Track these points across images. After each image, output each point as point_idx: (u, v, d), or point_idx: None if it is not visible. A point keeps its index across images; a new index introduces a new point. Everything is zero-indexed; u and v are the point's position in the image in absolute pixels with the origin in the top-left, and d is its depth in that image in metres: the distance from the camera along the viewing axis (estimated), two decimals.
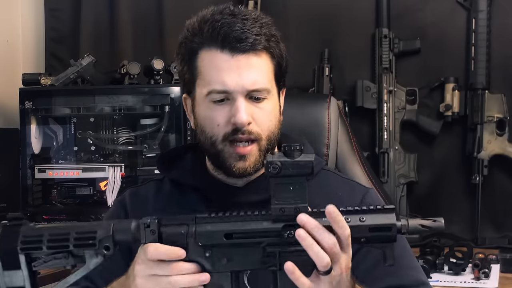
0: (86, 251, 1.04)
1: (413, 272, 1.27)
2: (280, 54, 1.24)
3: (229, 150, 1.20)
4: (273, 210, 1.01)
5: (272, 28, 1.24)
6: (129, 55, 2.71)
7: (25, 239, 1.05)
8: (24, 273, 1.04)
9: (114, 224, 1.05)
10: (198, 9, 2.93)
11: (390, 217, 1.02)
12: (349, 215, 1.01)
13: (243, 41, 1.18)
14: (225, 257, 1.03)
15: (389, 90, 2.46)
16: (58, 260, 1.05)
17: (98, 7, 2.79)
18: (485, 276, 1.99)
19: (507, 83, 2.43)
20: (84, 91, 2.50)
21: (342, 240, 0.99)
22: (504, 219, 2.44)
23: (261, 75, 1.20)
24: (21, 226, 1.06)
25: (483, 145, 2.38)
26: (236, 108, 1.18)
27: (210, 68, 1.21)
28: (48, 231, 1.05)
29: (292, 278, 0.98)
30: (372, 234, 1.01)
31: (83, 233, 1.04)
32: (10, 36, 2.79)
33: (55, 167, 2.45)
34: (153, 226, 1.03)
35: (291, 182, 1.00)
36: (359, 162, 1.70)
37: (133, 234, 1.04)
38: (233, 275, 1.04)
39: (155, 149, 2.43)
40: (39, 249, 1.04)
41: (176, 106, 2.40)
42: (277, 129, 1.25)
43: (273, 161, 1.00)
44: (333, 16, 2.57)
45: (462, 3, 2.44)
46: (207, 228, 1.03)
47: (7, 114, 2.65)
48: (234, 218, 1.04)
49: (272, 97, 1.23)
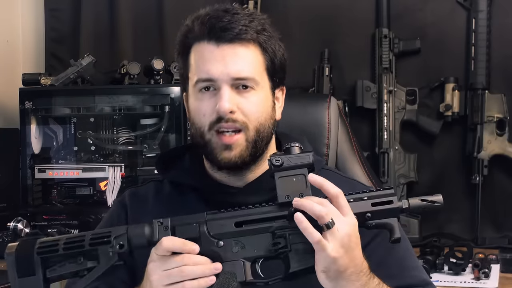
0: (100, 252, 1.06)
1: (417, 272, 1.28)
2: (272, 49, 1.25)
3: (216, 140, 1.21)
4: (279, 198, 1.08)
5: (266, 24, 1.25)
6: (129, 55, 2.71)
7: (42, 244, 1.07)
8: (38, 277, 1.04)
9: (128, 227, 1.08)
10: (198, 9, 2.93)
11: (388, 192, 1.11)
12: (351, 196, 1.10)
13: (228, 30, 1.20)
14: (237, 246, 1.08)
15: (389, 90, 2.46)
16: (72, 265, 1.06)
17: (98, 7, 2.79)
18: (485, 276, 1.99)
19: (507, 83, 2.43)
20: (84, 91, 2.50)
21: (336, 202, 1.05)
22: (504, 219, 2.44)
23: (247, 64, 1.21)
24: (37, 239, 1.08)
25: (483, 145, 2.38)
26: (220, 96, 1.20)
27: (198, 59, 1.23)
28: (64, 237, 1.08)
29: (302, 227, 1.03)
30: (376, 208, 1.08)
31: (98, 234, 1.08)
32: (10, 36, 2.79)
33: (55, 167, 2.45)
34: (166, 222, 1.08)
35: (293, 174, 1.08)
36: (359, 162, 1.70)
37: (147, 235, 1.07)
38: (246, 263, 1.07)
39: (155, 149, 2.43)
40: (55, 252, 1.06)
41: (176, 106, 2.40)
42: (268, 123, 1.25)
43: (275, 156, 1.09)
44: (333, 16, 2.57)
45: (462, 3, 2.44)
46: (217, 217, 1.09)
47: (7, 114, 2.65)
48: (243, 210, 1.10)
49: (262, 89, 1.23)
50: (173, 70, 2.45)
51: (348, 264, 1.04)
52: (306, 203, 1.05)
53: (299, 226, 1.03)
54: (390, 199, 1.09)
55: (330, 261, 1.02)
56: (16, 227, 2.16)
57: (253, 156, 1.23)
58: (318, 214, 1.03)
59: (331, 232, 1.02)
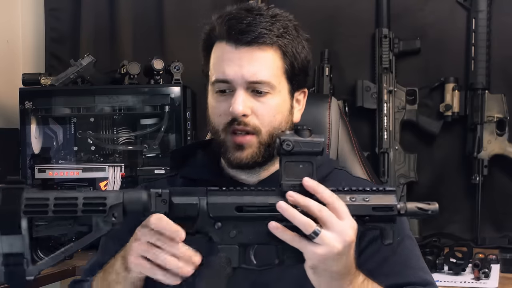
0: (93, 218, 1.00)
1: (420, 272, 1.27)
2: (293, 53, 1.24)
3: (229, 140, 1.22)
4: (283, 186, 1.04)
5: (290, 27, 1.24)
6: (129, 55, 2.71)
7: (29, 202, 0.98)
8: (25, 239, 0.97)
9: (124, 193, 1.03)
10: (198, 9, 2.93)
11: (391, 198, 1.08)
12: (354, 195, 1.07)
13: (246, 33, 1.19)
14: (234, 230, 1.05)
15: (389, 90, 2.46)
16: (61, 227, 1.00)
17: (98, 7, 2.79)
18: (485, 276, 1.99)
19: (507, 83, 2.43)
20: (84, 91, 2.50)
21: (332, 207, 1.02)
22: (504, 219, 2.44)
23: (264, 68, 1.20)
24: (23, 190, 0.99)
25: (483, 145, 2.38)
26: (234, 98, 1.20)
27: (216, 59, 1.23)
28: (54, 194, 0.99)
29: (277, 233, 1.01)
30: (375, 213, 1.06)
31: (92, 199, 1.00)
32: (10, 36, 2.79)
33: (55, 167, 2.45)
34: (165, 195, 1.03)
35: (301, 160, 1.05)
36: (360, 162, 1.70)
37: (144, 204, 1.03)
38: (241, 248, 1.06)
39: (155, 149, 2.44)
40: (44, 213, 0.98)
41: (176, 106, 2.40)
42: (283, 127, 1.24)
43: (286, 138, 1.04)
44: (333, 16, 2.57)
45: (462, 3, 2.44)
46: (219, 200, 1.05)
47: (7, 114, 2.65)
48: (245, 192, 1.06)
49: (279, 93, 1.23)
50: (173, 70, 2.45)
51: (338, 266, 1.03)
52: (301, 202, 1.02)
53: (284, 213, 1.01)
54: (391, 205, 1.07)
55: (318, 261, 1.02)
56: None
57: (266, 158, 1.24)
58: (302, 222, 1.00)
59: (320, 238, 1.00)
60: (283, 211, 1.01)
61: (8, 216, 0.97)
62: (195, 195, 1.05)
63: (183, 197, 1.04)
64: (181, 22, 2.70)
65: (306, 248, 1.01)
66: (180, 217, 1.04)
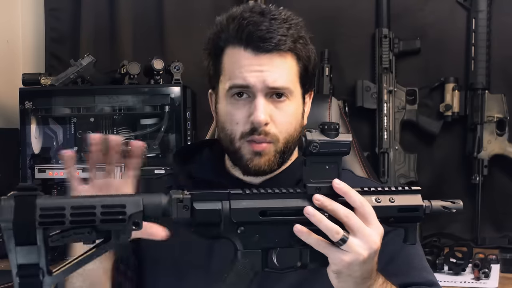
0: (113, 227, 0.95)
1: (424, 273, 1.27)
2: (307, 57, 1.24)
3: (246, 147, 1.20)
4: (308, 189, 1.02)
5: (302, 30, 1.24)
6: (129, 55, 2.71)
7: (44, 213, 0.91)
8: (40, 249, 0.91)
9: (144, 199, 0.97)
10: (198, 9, 2.93)
11: (417, 198, 1.06)
12: (380, 195, 1.04)
13: (267, 40, 1.18)
14: (257, 234, 1.02)
15: (389, 90, 2.46)
16: (79, 235, 0.94)
17: (98, 7, 2.79)
18: (485, 276, 1.99)
19: (507, 83, 2.43)
20: (84, 91, 2.50)
21: (360, 212, 1.00)
22: (504, 219, 2.44)
23: (283, 75, 1.20)
24: (36, 197, 0.92)
25: (483, 145, 2.38)
26: (255, 106, 1.18)
27: (233, 65, 1.21)
28: (69, 203, 0.93)
29: (302, 237, 0.99)
30: (401, 214, 1.04)
31: (111, 207, 0.94)
32: (10, 36, 2.79)
33: (55, 167, 2.45)
34: (186, 201, 0.98)
35: (327, 161, 1.02)
36: (360, 162, 1.70)
37: (163, 209, 0.98)
38: (263, 252, 1.03)
39: (155, 149, 2.43)
40: (61, 224, 0.92)
41: (176, 106, 2.40)
42: (297, 132, 1.23)
43: (313, 140, 1.00)
44: (333, 17, 2.57)
45: (462, 3, 2.45)
46: (242, 204, 1.01)
47: (7, 114, 2.65)
48: (269, 195, 1.02)
49: (295, 99, 1.22)
50: (173, 70, 2.45)
51: (361, 271, 1.02)
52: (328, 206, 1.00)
53: (312, 219, 0.99)
54: (417, 206, 1.05)
55: (343, 266, 1.00)
56: None
57: (280, 165, 1.23)
58: (329, 229, 0.99)
59: (347, 245, 0.99)
60: (310, 216, 0.99)
61: (23, 227, 0.91)
62: (217, 200, 1.01)
63: (206, 203, 1.00)
64: (181, 22, 2.70)
65: (332, 254, 0.99)
66: (203, 222, 1.00)
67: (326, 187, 1.01)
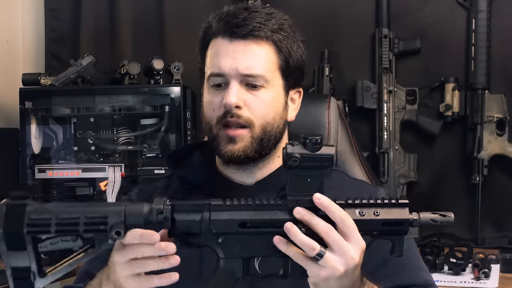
0: (95, 236, 1.00)
1: (421, 273, 1.27)
2: (288, 50, 1.24)
3: (222, 133, 1.22)
4: (289, 202, 1.02)
5: (285, 24, 1.25)
6: (129, 55, 2.71)
7: (31, 222, 0.99)
8: (30, 254, 0.99)
9: (126, 208, 1.01)
10: (198, 9, 2.93)
11: (403, 212, 1.04)
12: (364, 209, 1.03)
13: (242, 26, 1.20)
14: (237, 244, 1.04)
15: (389, 90, 2.46)
16: (66, 243, 1.01)
17: (98, 7, 2.79)
18: (485, 276, 1.99)
19: (507, 83, 2.43)
20: (84, 91, 2.50)
21: (341, 227, 0.99)
22: (504, 219, 2.44)
23: (258, 62, 1.21)
24: (26, 206, 1.00)
25: (483, 145, 2.38)
26: (227, 91, 1.20)
27: (212, 54, 1.24)
28: (55, 213, 1.00)
29: (281, 248, 1.00)
30: (385, 228, 1.03)
31: (93, 218, 1.00)
32: (10, 36, 2.80)
33: (55, 167, 2.45)
34: (166, 212, 1.02)
35: (308, 174, 1.01)
36: (359, 162, 1.70)
37: (145, 218, 1.01)
38: (245, 261, 1.05)
39: (155, 149, 2.43)
40: (47, 233, 1.00)
41: (176, 106, 2.40)
42: (278, 123, 1.24)
43: (292, 153, 1.00)
44: (333, 17, 2.57)
45: (462, 3, 2.44)
46: (221, 216, 1.03)
47: (7, 114, 2.66)
48: (249, 207, 1.03)
49: (272, 88, 1.23)
50: (173, 70, 2.45)
51: (340, 286, 1.01)
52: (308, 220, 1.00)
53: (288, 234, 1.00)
54: (402, 220, 1.03)
55: (320, 280, 1.00)
56: None
57: (259, 153, 1.23)
58: (305, 244, 0.99)
59: (324, 261, 0.98)
60: (287, 231, 0.99)
61: (13, 234, 0.98)
62: (197, 211, 1.03)
63: (185, 214, 1.03)
64: (181, 22, 2.70)
65: (310, 267, 1.00)
66: (183, 232, 1.03)
67: (307, 200, 1.01)
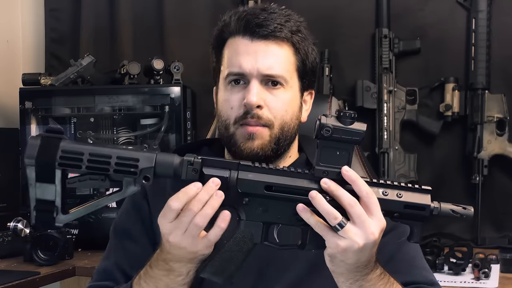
0: (124, 178, 1.02)
1: (424, 272, 1.28)
2: (305, 51, 1.25)
3: (240, 131, 1.22)
4: (316, 172, 1.03)
5: (302, 27, 1.26)
6: (129, 55, 2.71)
7: (64, 155, 1.00)
8: (57, 188, 1.01)
9: (157, 155, 1.03)
10: (198, 9, 2.93)
11: (425, 198, 1.06)
12: (387, 189, 1.05)
13: (263, 27, 1.21)
14: (260, 207, 1.05)
15: (389, 90, 2.46)
16: (94, 181, 1.03)
17: (98, 7, 2.79)
18: (485, 276, 1.99)
19: (507, 83, 2.43)
20: (84, 91, 2.50)
21: (365, 202, 1.01)
22: (504, 219, 2.44)
23: (278, 62, 1.22)
24: (60, 140, 1.01)
25: (483, 145, 2.38)
26: (248, 89, 1.20)
27: (231, 53, 1.24)
28: (88, 149, 1.01)
29: (303, 216, 1.01)
30: (406, 211, 1.04)
31: (125, 159, 1.01)
32: (10, 36, 2.80)
33: None
34: (197, 165, 1.03)
35: (339, 147, 1.03)
36: (360, 162, 1.70)
37: (175, 169, 1.03)
38: (265, 226, 1.06)
39: (155, 149, 2.43)
40: (78, 168, 1.01)
41: (176, 106, 2.41)
42: (293, 123, 1.25)
43: (326, 123, 1.02)
44: (333, 17, 2.57)
45: (462, 3, 2.45)
46: (249, 176, 1.04)
47: (7, 114, 2.66)
48: (277, 171, 1.05)
49: (290, 88, 1.24)
50: (173, 70, 2.45)
51: (356, 260, 1.03)
52: (334, 191, 1.02)
53: (313, 201, 1.01)
54: (424, 205, 1.05)
55: (338, 252, 1.02)
56: (16, 227, 2.15)
57: (275, 152, 1.23)
58: (328, 212, 1.00)
59: (344, 231, 1.00)
60: (312, 198, 1.01)
61: (44, 165, 1.00)
62: (226, 168, 1.04)
63: (214, 169, 1.04)
64: (181, 22, 2.71)
65: (329, 237, 1.01)
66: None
67: (334, 172, 1.03)
